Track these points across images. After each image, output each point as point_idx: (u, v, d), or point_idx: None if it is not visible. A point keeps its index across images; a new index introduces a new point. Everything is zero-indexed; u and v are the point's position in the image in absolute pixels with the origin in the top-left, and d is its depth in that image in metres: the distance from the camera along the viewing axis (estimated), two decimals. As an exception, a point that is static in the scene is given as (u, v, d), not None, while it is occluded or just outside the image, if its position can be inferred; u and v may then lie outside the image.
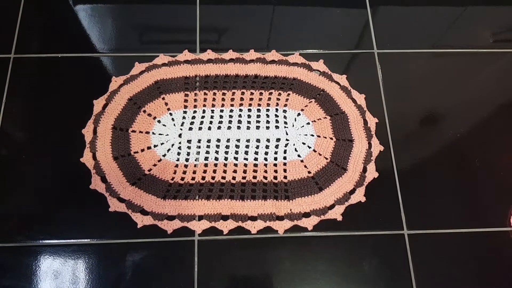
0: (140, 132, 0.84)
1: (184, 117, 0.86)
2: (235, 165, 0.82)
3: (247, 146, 0.84)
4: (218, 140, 0.84)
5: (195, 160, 0.82)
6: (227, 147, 0.83)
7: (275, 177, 0.81)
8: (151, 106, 0.86)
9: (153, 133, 0.84)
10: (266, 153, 0.83)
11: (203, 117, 0.86)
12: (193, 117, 0.86)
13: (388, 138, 0.86)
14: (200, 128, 0.85)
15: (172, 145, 0.84)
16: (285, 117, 0.87)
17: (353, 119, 0.86)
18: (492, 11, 1.01)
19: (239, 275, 0.75)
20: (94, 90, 0.87)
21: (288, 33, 0.95)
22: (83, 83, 0.88)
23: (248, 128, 0.85)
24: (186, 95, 0.88)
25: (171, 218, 0.77)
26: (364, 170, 0.82)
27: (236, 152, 0.83)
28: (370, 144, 0.84)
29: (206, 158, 0.82)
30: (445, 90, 0.91)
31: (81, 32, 0.93)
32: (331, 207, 0.79)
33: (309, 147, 0.84)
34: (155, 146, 0.83)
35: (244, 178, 0.81)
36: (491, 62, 0.95)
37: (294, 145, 0.84)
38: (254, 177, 0.81)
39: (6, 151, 0.82)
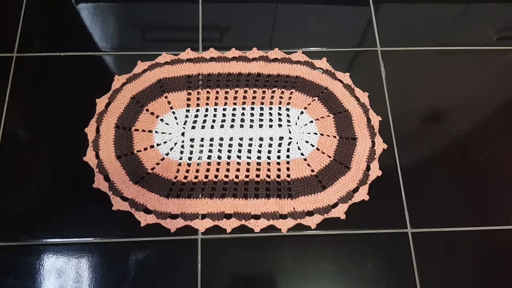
0: (143, 130, 0.84)
1: (187, 116, 0.86)
2: (238, 163, 0.82)
3: (250, 145, 0.83)
4: (221, 139, 0.84)
5: (198, 158, 0.82)
6: (230, 145, 0.83)
7: (278, 176, 0.81)
8: (154, 105, 0.86)
9: (156, 131, 0.84)
10: (269, 152, 0.83)
11: (206, 115, 0.86)
12: (196, 116, 0.86)
13: (392, 136, 0.85)
14: (203, 127, 0.85)
15: (175, 143, 0.83)
16: (288, 115, 0.86)
17: (357, 117, 0.85)
18: (496, 9, 1.01)
19: (242, 274, 0.75)
20: (97, 89, 0.87)
21: (291, 31, 0.95)
22: (85, 81, 0.88)
23: (251, 126, 0.85)
24: (189, 93, 0.88)
25: (174, 216, 0.77)
26: (368, 168, 0.82)
27: (239, 151, 0.83)
28: (373, 142, 0.84)
29: (209, 157, 0.82)
30: (449, 87, 0.91)
31: (83, 31, 0.93)
32: (335, 205, 0.79)
33: (312, 146, 0.84)
34: (158, 144, 0.83)
35: (247, 176, 0.81)
36: (494, 59, 0.95)
37: (297, 143, 0.84)
38: (257, 176, 0.81)
39: (8, 150, 0.82)
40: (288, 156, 0.83)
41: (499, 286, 0.76)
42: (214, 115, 0.86)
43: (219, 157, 0.82)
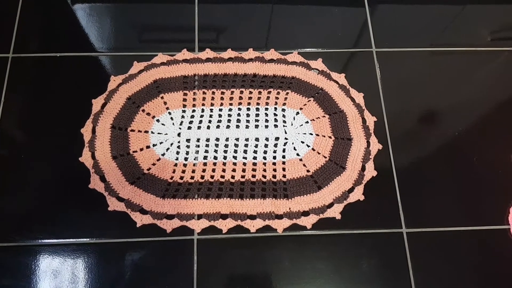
0: (139, 131, 0.84)
1: (183, 116, 0.86)
2: (234, 164, 0.82)
3: (246, 145, 0.84)
4: (217, 139, 0.84)
5: (194, 159, 0.82)
6: (226, 146, 0.84)
7: (274, 176, 0.81)
8: (150, 105, 0.86)
9: (152, 132, 0.84)
10: (265, 152, 0.83)
11: (202, 116, 0.86)
12: (192, 116, 0.86)
13: (387, 136, 0.86)
14: (199, 127, 0.85)
15: (171, 144, 0.84)
16: (284, 116, 0.87)
17: (352, 117, 0.86)
18: (490, 10, 1.01)
19: (238, 274, 0.75)
20: (93, 90, 0.87)
21: (286, 32, 0.95)
22: (81, 82, 0.88)
23: (247, 127, 0.85)
24: (185, 94, 0.88)
25: (170, 217, 0.77)
26: (363, 168, 0.82)
27: (235, 151, 0.83)
28: (368, 143, 0.84)
29: (205, 157, 0.82)
30: (443, 88, 0.91)
31: (79, 31, 0.93)
32: (330, 205, 0.79)
33: (308, 146, 0.84)
34: (154, 145, 0.83)
35: (243, 177, 0.81)
36: (489, 60, 0.95)
37: (293, 144, 0.84)
38: (253, 176, 0.81)
39: (4, 151, 0.82)
40: (283, 157, 0.83)
41: (494, 286, 0.76)
42: (210, 116, 0.86)
43: (215, 158, 0.82)
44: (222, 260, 0.75)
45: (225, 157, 0.83)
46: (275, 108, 0.87)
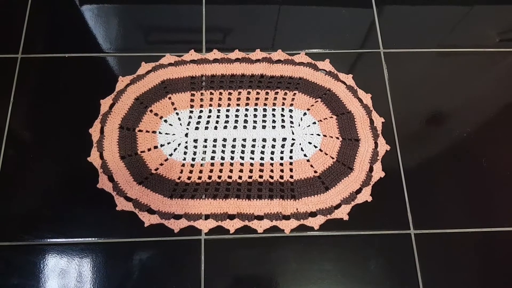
0: (147, 131, 0.84)
1: (190, 117, 0.86)
2: (242, 164, 0.82)
3: (253, 146, 0.84)
4: (225, 140, 0.84)
5: (202, 159, 0.82)
6: (234, 146, 0.84)
7: (282, 177, 0.81)
8: (157, 106, 0.86)
9: (159, 132, 0.85)
10: (273, 153, 0.83)
11: (209, 116, 0.86)
12: (200, 117, 0.86)
13: (395, 137, 0.86)
14: (206, 128, 0.85)
15: (179, 144, 0.84)
16: (291, 116, 0.87)
17: (359, 118, 0.86)
18: (498, 10, 1.01)
19: (245, 274, 0.75)
20: (101, 90, 0.87)
21: (294, 32, 0.95)
22: (90, 83, 0.89)
23: (254, 127, 0.85)
24: (193, 94, 0.88)
25: (177, 217, 0.77)
26: (371, 169, 0.82)
27: (243, 152, 0.83)
28: (376, 144, 0.84)
29: (212, 158, 0.82)
30: (451, 89, 0.91)
31: (87, 32, 0.94)
32: (338, 206, 0.79)
33: (315, 147, 0.84)
34: (161, 145, 0.83)
35: (250, 177, 0.81)
36: (497, 61, 0.95)
37: (300, 144, 0.84)
38: (261, 177, 0.81)
39: (13, 151, 0.82)
40: (291, 157, 0.83)
41: (502, 288, 0.76)
42: (218, 116, 0.86)
43: (223, 158, 0.82)
44: (229, 261, 0.76)
45: (232, 158, 0.83)
46: (282, 109, 0.87)
